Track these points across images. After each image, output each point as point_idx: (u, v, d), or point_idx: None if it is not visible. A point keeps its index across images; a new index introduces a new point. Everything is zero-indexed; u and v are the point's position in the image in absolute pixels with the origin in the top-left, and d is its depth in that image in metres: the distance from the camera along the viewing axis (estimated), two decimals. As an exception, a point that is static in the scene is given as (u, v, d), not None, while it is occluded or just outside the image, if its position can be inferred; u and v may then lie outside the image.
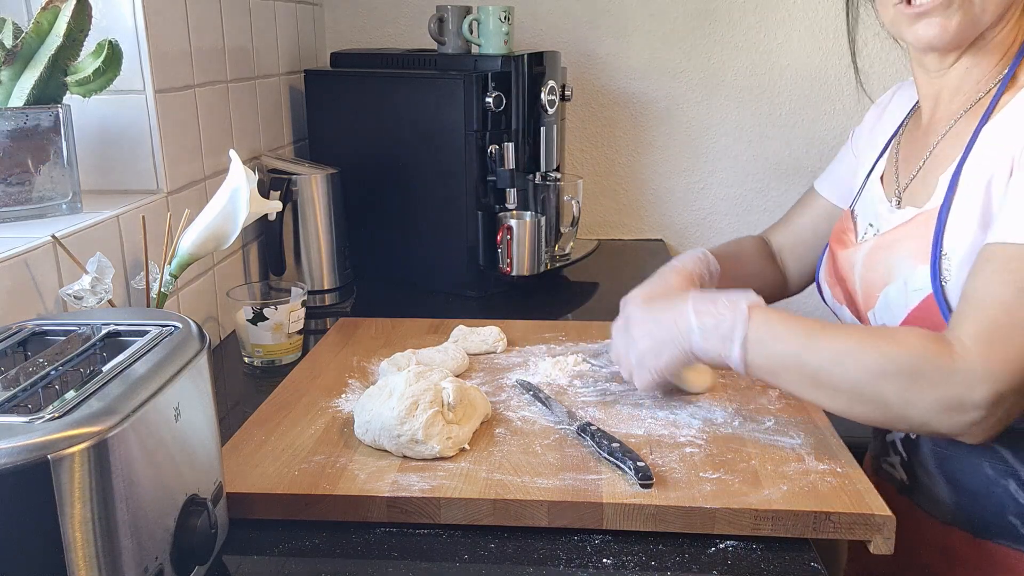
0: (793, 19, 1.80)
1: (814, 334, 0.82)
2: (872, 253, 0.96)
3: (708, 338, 0.85)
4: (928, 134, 0.96)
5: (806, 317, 0.85)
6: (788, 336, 0.83)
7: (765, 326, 0.84)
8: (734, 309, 0.85)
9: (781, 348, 0.83)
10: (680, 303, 0.89)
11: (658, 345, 0.89)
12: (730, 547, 0.76)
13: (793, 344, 0.83)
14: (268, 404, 0.99)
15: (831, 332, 0.83)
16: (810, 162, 1.87)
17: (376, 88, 1.50)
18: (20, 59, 0.95)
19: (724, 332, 0.85)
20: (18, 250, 0.84)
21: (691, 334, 0.87)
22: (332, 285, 1.47)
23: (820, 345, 0.82)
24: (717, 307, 0.86)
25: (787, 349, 0.83)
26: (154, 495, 0.60)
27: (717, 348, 0.85)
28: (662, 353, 0.89)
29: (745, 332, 0.84)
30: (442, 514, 0.78)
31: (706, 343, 0.86)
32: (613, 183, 1.92)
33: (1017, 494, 0.89)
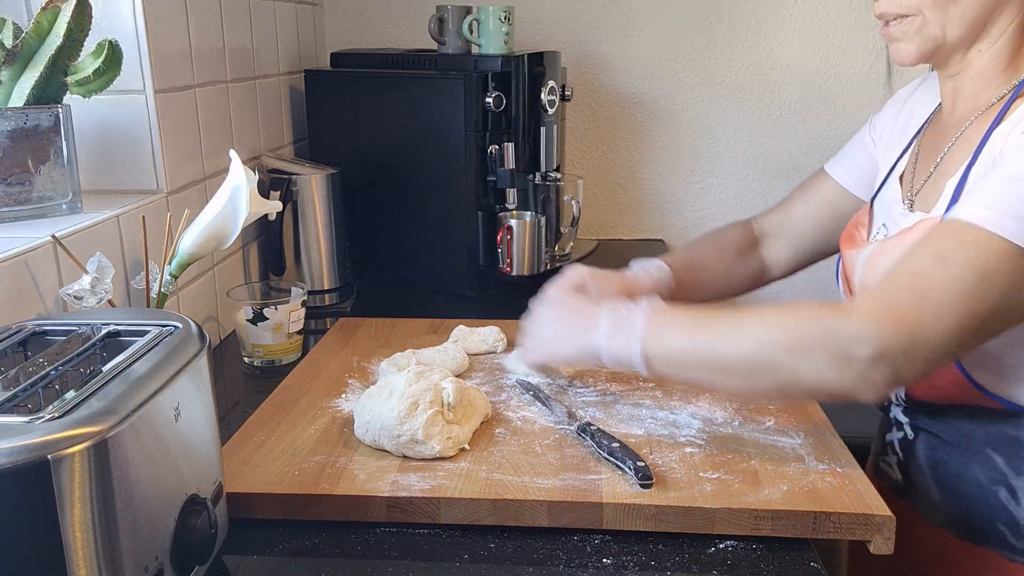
0: (793, 19, 1.80)
1: (705, 318, 0.84)
2: (872, 257, 0.96)
3: (613, 338, 0.87)
4: (944, 137, 0.95)
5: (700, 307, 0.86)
6: (681, 324, 0.85)
7: (660, 319, 0.85)
8: (636, 310, 0.87)
9: (675, 336, 0.84)
10: (595, 308, 0.91)
11: (563, 335, 0.92)
12: (730, 547, 0.76)
13: (685, 330, 0.84)
14: (268, 404, 0.99)
15: (722, 314, 0.84)
16: (810, 162, 1.87)
17: (376, 88, 1.50)
18: (20, 59, 0.95)
19: (626, 331, 0.86)
20: (18, 250, 0.84)
21: (598, 333, 0.88)
22: (332, 285, 1.47)
23: (710, 326, 0.83)
24: (626, 311, 0.88)
25: (680, 336, 0.84)
26: (154, 495, 0.60)
27: (620, 348, 0.86)
28: (562, 344, 0.92)
29: (644, 328, 0.85)
30: (442, 514, 0.78)
31: (611, 343, 0.87)
32: (613, 183, 1.92)
33: (1008, 502, 0.89)
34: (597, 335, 0.88)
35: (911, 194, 0.97)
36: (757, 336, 0.80)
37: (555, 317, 0.94)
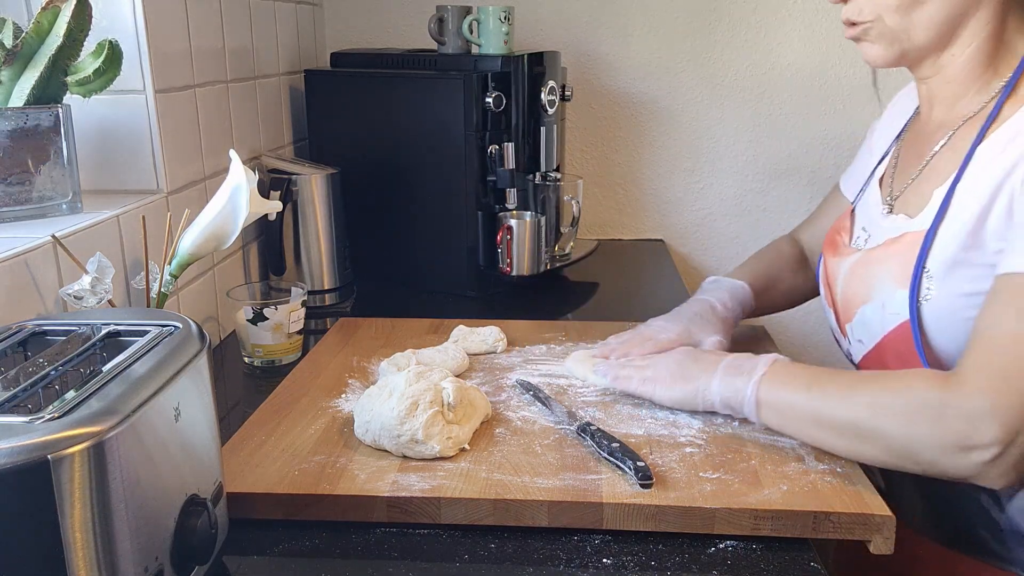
0: (793, 19, 1.80)
1: (824, 376, 0.84)
2: (855, 268, 0.95)
3: (728, 381, 0.88)
4: (927, 141, 0.95)
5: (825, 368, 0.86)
6: (799, 378, 0.85)
7: (779, 370, 0.86)
8: (759, 359, 0.88)
9: (790, 388, 0.84)
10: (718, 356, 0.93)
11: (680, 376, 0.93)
12: (730, 547, 0.76)
13: (802, 384, 0.84)
14: (268, 404, 0.99)
15: (838, 374, 0.84)
16: (810, 162, 1.87)
17: (376, 88, 1.50)
18: (20, 59, 0.95)
19: (743, 375, 0.87)
20: (18, 250, 0.84)
21: (715, 376, 0.90)
22: (332, 285, 1.47)
23: (825, 385, 0.83)
24: (748, 360, 0.89)
25: (796, 389, 0.84)
26: (154, 495, 0.60)
27: (733, 391, 0.87)
28: (678, 382, 0.92)
29: (762, 375, 0.86)
30: (442, 514, 0.78)
31: (724, 385, 0.88)
32: (613, 183, 1.92)
33: (989, 507, 0.88)
34: (713, 377, 0.90)
35: (890, 197, 0.96)
36: (865, 400, 0.79)
37: (678, 360, 0.95)
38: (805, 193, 1.88)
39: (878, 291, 0.90)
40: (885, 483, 0.98)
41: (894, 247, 0.90)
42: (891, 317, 0.88)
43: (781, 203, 1.89)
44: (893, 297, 0.88)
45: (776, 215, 1.90)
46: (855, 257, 0.96)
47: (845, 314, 0.97)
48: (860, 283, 0.94)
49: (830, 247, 1.03)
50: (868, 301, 0.92)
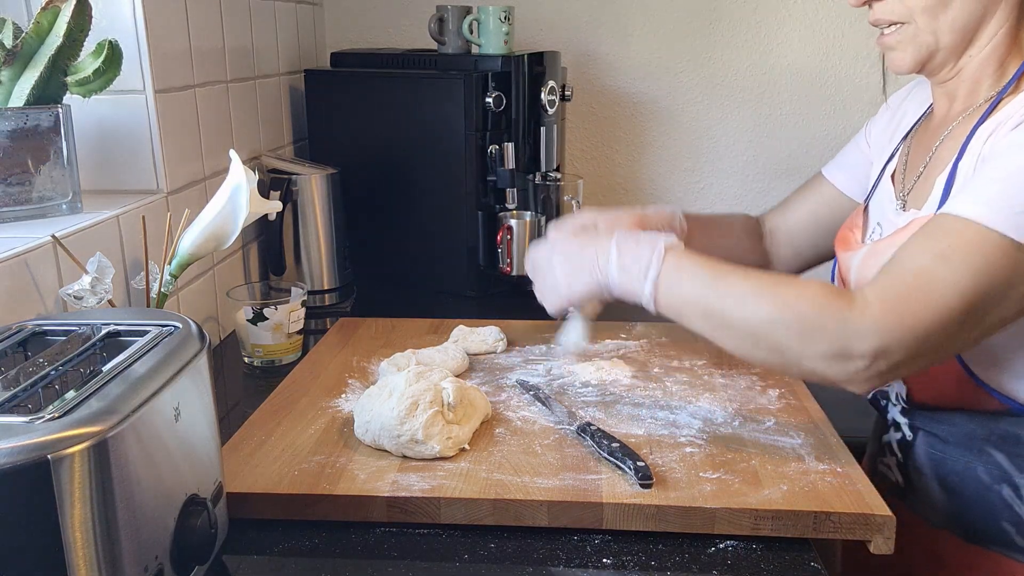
0: (793, 19, 1.80)
1: (721, 275, 0.83)
2: (866, 259, 0.96)
3: (624, 273, 0.87)
4: (933, 136, 0.97)
5: (721, 260, 0.85)
6: (697, 275, 0.84)
7: (676, 264, 0.85)
8: (652, 248, 0.86)
9: (688, 287, 0.84)
10: (605, 239, 0.90)
11: (575, 272, 0.91)
12: (730, 547, 0.76)
13: (700, 283, 0.84)
14: (268, 404, 0.99)
15: (738, 274, 0.83)
16: (810, 162, 1.87)
17: (376, 88, 1.50)
18: (20, 59, 0.95)
19: (640, 268, 0.86)
20: (18, 250, 0.84)
21: (609, 267, 0.88)
22: (332, 285, 1.46)
23: (725, 285, 0.83)
24: (638, 245, 0.87)
25: (694, 288, 0.84)
26: (154, 495, 0.60)
27: (631, 283, 0.86)
28: (576, 281, 0.90)
29: (659, 270, 0.85)
30: (442, 514, 0.78)
31: (621, 277, 0.87)
32: (613, 183, 1.91)
33: (1011, 500, 0.89)
34: (609, 266, 0.88)
35: (903, 193, 0.98)
36: (772, 312, 0.80)
37: (563, 256, 0.93)
38: (805, 193, 1.88)
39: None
40: (904, 480, 0.99)
41: (902, 234, 0.91)
42: None
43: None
44: None
45: (776, 215, 1.90)
46: (865, 249, 0.97)
47: None
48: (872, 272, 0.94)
49: (842, 244, 1.04)
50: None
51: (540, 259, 0.96)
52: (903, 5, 0.88)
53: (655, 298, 0.85)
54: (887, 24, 0.91)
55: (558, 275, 0.92)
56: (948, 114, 0.95)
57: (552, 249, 0.95)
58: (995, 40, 0.88)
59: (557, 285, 0.93)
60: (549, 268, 0.94)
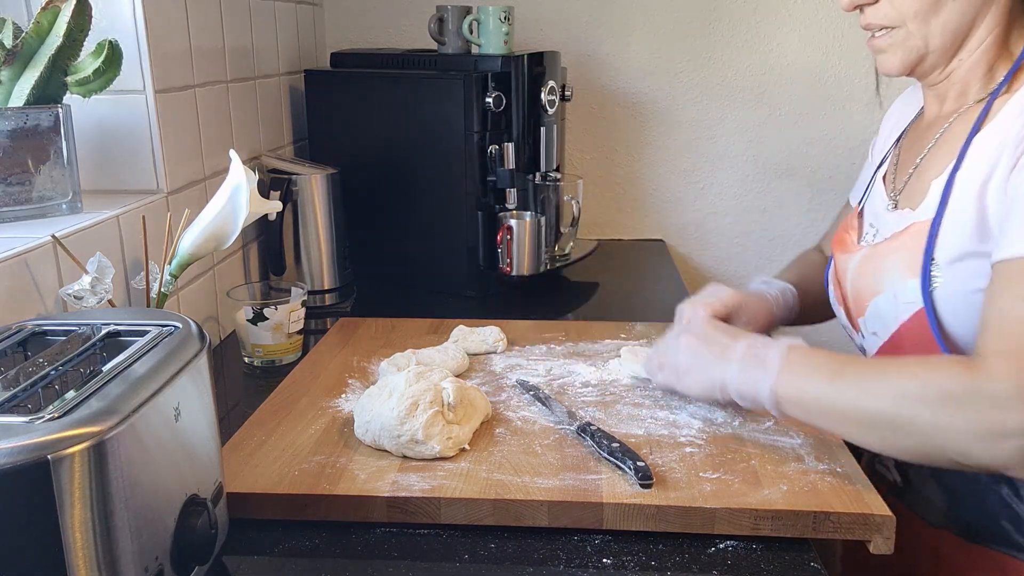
0: (793, 19, 1.80)
1: (844, 365, 0.81)
2: (863, 262, 0.96)
3: (744, 373, 0.86)
4: (923, 137, 0.97)
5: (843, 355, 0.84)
6: (819, 369, 0.82)
7: (798, 360, 0.83)
8: (773, 346, 0.85)
9: (811, 381, 0.82)
10: (735, 337, 0.90)
11: (697, 367, 0.90)
12: (730, 547, 0.76)
13: (823, 375, 0.81)
14: (268, 404, 0.99)
15: (861, 363, 0.82)
16: (810, 162, 1.87)
17: (376, 88, 1.50)
18: (20, 59, 0.95)
19: (759, 368, 0.85)
20: (18, 250, 0.84)
21: (730, 366, 0.87)
22: (332, 285, 1.47)
23: (849, 375, 0.80)
24: (766, 347, 0.86)
25: (817, 381, 0.81)
26: (154, 495, 0.60)
27: (750, 384, 0.85)
28: (697, 377, 0.90)
29: (778, 367, 0.83)
30: (442, 514, 0.78)
31: (741, 377, 0.86)
32: (613, 183, 1.92)
33: (1010, 499, 0.89)
34: (728, 368, 0.87)
35: (894, 192, 0.98)
36: (893, 389, 0.77)
37: (690, 347, 0.92)
38: (805, 193, 1.88)
39: (889, 282, 0.91)
40: (902, 479, 0.99)
41: (901, 238, 0.91)
42: (905, 307, 0.89)
43: (781, 203, 1.89)
44: (905, 287, 0.89)
45: (776, 215, 1.90)
46: (863, 252, 0.97)
47: (857, 308, 0.98)
48: (870, 277, 0.95)
49: (839, 245, 1.05)
50: (880, 293, 0.93)
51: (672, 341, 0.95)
52: (895, 10, 0.89)
53: (776, 395, 0.83)
54: (878, 28, 0.92)
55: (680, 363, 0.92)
56: (939, 115, 0.96)
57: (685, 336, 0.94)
58: (985, 44, 0.89)
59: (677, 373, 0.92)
60: (675, 352, 0.93)
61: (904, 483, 0.99)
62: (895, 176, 1.00)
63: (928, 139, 0.95)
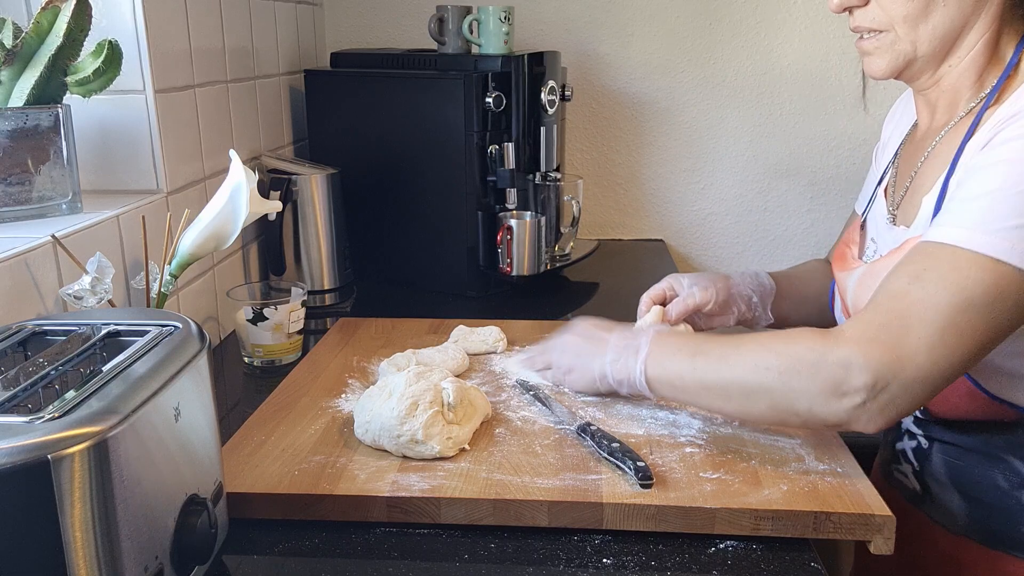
0: (793, 19, 1.80)
1: (706, 343, 0.87)
2: (862, 280, 0.95)
3: (617, 362, 0.91)
4: (917, 150, 0.96)
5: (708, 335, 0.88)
6: (682, 348, 0.87)
7: (664, 343, 0.89)
8: (642, 334, 0.91)
9: (676, 360, 0.86)
10: (610, 330, 0.95)
11: (578, 363, 0.97)
12: (730, 547, 0.76)
13: (686, 353, 0.86)
14: (268, 404, 0.99)
15: (723, 339, 0.86)
16: (810, 162, 1.87)
17: (376, 88, 1.50)
18: (20, 59, 0.95)
19: (631, 354, 0.89)
20: (18, 250, 0.84)
21: (606, 357, 0.92)
22: (332, 285, 1.47)
23: (710, 350, 0.85)
24: (635, 336, 0.91)
25: (681, 359, 0.86)
26: (154, 495, 0.60)
27: (624, 370, 0.90)
28: (579, 372, 0.96)
29: (647, 351, 0.88)
30: (442, 514, 0.78)
31: (615, 366, 0.91)
32: (613, 183, 1.92)
33: None
34: (604, 359, 0.92)
35: (892, 208, 0.98)
36: (752, 359, 0.81)
37: (570, 345, 0.99)
38: (805, 193, 1.88)
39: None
40: (922, 488, 0.97)
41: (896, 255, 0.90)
42: None
43: (781, 203, 1.89)
44: None
45: (776, 215, 1.90)
46: (862, 269, 0.97)
47: None
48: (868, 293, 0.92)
49: (839, 261, 1.04)
50: None
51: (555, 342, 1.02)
52: (884, 13, 0.88)
53: (647, 377, 0.88)
54: (867, 31, 0.90)
55: (564, 363, 0.99)
56: (931, 127, 0.95)
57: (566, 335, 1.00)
58: (975, 50, 0.88)
59: (561, 371, 0.99)
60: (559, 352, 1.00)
61: (923, 491, 0.97)
62: (894, 189, 0.99)
63: (921, 152, 0.95)
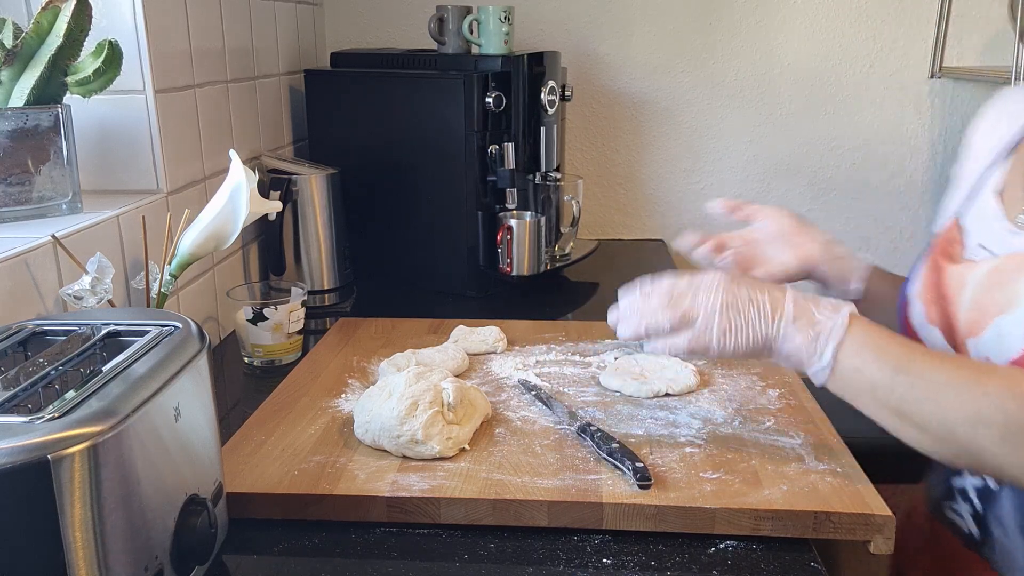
0: (793, 19, 1.80)
1: (915, 357, 0.73)
2: (992, 275, 0.82)
3: (800, 332, 0.77)
4: None
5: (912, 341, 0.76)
6: (888, 353, 0.74)
7: (862, 337, 0.75)
8: (835, 312, 0.77)
9: (876, 366, 0.74)
10: (779, 291, 0.80)
11: (739, 318, 0.79)
12: (730, 547, 0.76)
13: (891, 362, 0.73)
14: (268, 404, 0.99)
15: (934, 359, 0.74)
16: (810, 162, 1.87)
17: (376, 88, 1.50)
18: (20, 59, 0.95)
19: (818, 332, 0.76)
20: (18, 250, 0.84)
21: (782, 322, 0.77)
22: (332, 285, 1.47)
23: (921, 371, 0.72)
24: (818, 306, 0.78)
25: (882, 368, 0.73)
26: (154, 495, 0.60)
27: (806, 347, 0.76)
28: (738, 329, 0.79)
29: (840, 339, 0.75)
30: (442, 514, 0.78)
31: (795, 338, 0.77)
32: (613, 183, 1.92)
33: None
34: (780, 329, 0.77)
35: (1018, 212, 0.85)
36: (972, 408, 0.69)
37: (730, 306, 0.79)
38: (805, 193, 1.88)
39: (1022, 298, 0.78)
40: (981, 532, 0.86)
41: None
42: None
43: (781, 203, 1.88)
44: None
45: (776, 215, 1.90)
46: (990, 264, 0.83)
47: (971, 328, 0.83)
48: (998, 291, 0.80)
49: (946, 258, 0.89)
50: (1008, 310, 0.78)
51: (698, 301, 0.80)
52: None
53: (833, 369, 0.75)
54: None
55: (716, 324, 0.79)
56: None
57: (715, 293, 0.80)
58: None
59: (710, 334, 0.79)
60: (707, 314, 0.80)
61: (982, 535, 0.86)
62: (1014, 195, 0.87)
63: None
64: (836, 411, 0.97)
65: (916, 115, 1.82)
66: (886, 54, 1.78)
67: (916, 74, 1.79)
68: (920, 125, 1.83)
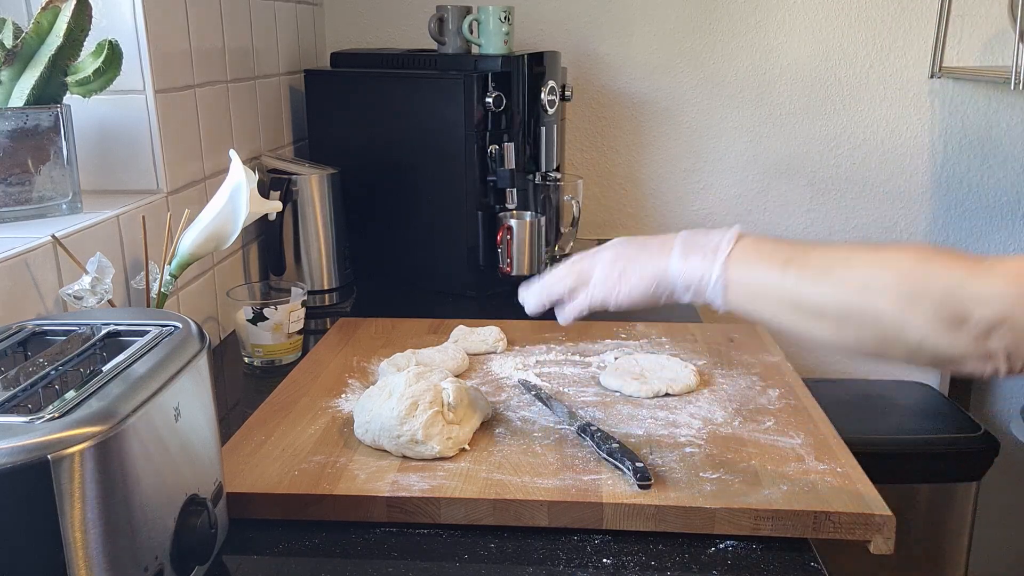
0: (793, 19, 1.80)
1: (803, 249, 0.72)
2: None
3: (689, 256, 0.76)
4: None
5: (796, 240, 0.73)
6: (775, 253, 0.72)
7: (752, 244, 0.74)
8: (724, 232, 0.76)
9: (765, 266, 0.72)
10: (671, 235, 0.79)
11: (634, 267, 0.79)
12: (730, 547, 0.76)
13: (779, 259, 0.72)
14: (268, 404, 0.99)
15: (825, 248, 0.72)
16: (810, 162, 1.87)
17: (376, 88, 1.50)
18: (20, 59, 0.95)
19: (707, 250, 0.75)
20: (18, 250, 0.84)
21: (672, 252, 0.77)
22: (332, 285, 1.47)
23: (807, 260, 0.71)
24: (708, 234, 0.77)
25: (771, 266, 0.72)
26: (154, 495, 0.60)
27: (697, 271, 0.75)
28: (634, 276, 0.79)
29: (730, 248, 0.74)
30: (442, 514, 0.78)
31: (686, 261, 0.76)
32: (613, 183, 1.92)
33: None
34: (669, 258, 0.76)
35: None
36: (865, 276, 0.67)
37: (616, 255, 0.81)
38: (805, 193, 1.88)
39: None
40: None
41: None
42: None
43: (781, 203, 1.89)
44: None
45: (776, 215, 1.90)
46: None
47: None
48: None
49: None
50: None
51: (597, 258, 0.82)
52: None
53: (725, 281, 0.73)
54: None
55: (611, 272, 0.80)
56: None
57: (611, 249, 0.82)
58: None
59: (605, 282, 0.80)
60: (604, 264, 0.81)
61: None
62: None
63: None
64: (836, 411, 0.97)
65: (916, 115, 1.82)
66: (886, 54, 1.78)
67: (916, 74, 1.79)
68: (920, 125, 1.83)
